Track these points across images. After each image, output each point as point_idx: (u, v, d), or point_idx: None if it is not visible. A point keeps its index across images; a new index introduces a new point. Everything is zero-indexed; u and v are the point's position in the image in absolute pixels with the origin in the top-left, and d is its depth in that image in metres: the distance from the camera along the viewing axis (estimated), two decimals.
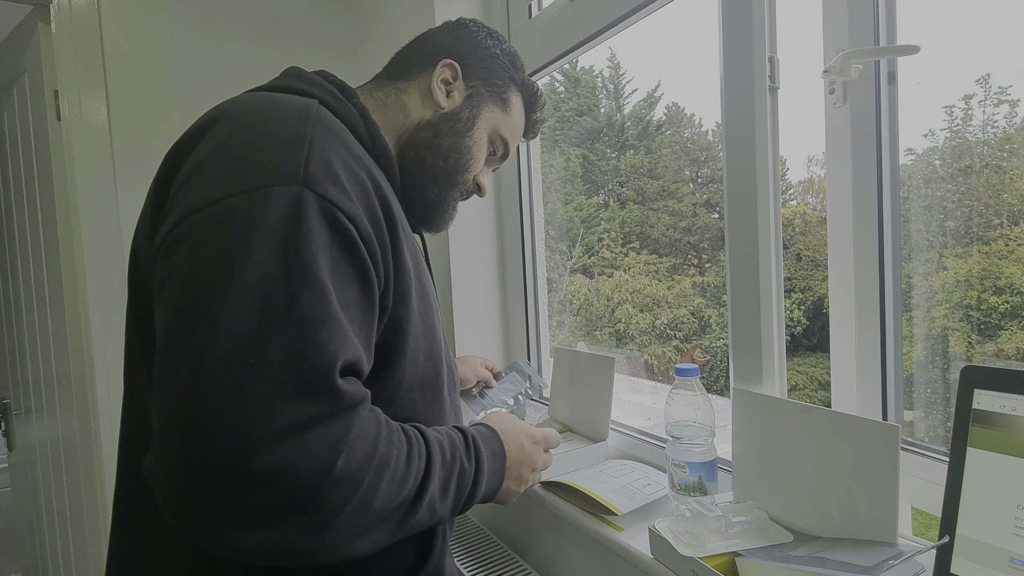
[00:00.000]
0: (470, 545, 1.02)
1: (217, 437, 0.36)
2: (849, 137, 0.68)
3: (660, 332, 4.57)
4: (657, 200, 5.50)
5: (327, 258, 0.42)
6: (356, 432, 0.41)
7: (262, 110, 0.47)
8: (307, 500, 0.38)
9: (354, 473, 0.40)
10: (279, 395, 0.38)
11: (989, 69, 0.95)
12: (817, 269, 3.97)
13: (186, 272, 0.40)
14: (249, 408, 0.37)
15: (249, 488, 0.37)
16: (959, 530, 0.47)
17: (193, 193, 0.43)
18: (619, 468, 0.85)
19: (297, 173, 0.42)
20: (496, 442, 0.60)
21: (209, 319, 0.38)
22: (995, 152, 1.07)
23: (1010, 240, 1.33)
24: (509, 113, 0.70)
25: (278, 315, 0.39)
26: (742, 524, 0.61)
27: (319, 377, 0.39)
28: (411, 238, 0.56)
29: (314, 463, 0.38)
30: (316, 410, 0.39)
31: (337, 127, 0.49)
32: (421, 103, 0.65)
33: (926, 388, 0.77)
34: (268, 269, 0.39)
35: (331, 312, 0.41)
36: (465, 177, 0.67)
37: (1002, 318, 1.37)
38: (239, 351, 0.37)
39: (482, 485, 0.55)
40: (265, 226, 0.40)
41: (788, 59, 0.71)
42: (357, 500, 0.41)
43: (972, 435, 0.49)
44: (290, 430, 0.38)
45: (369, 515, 0.42)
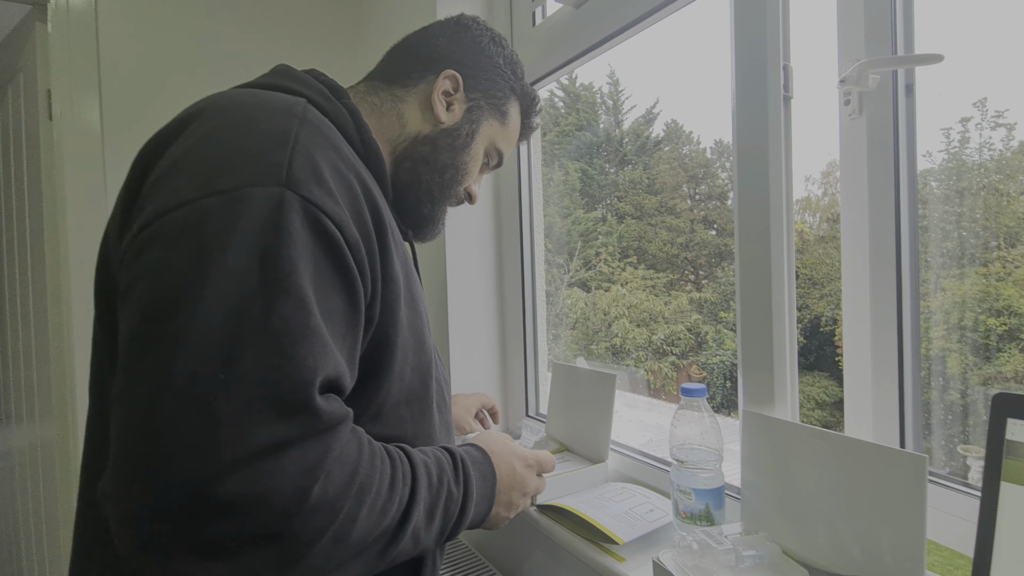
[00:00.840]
0: (461, 571, 0.97)
1: (180, 458, 0.33)
2: (865, 150, 0.65)
3: (657, 348, 4.55)
4: (655, 215, 5.52)
5: (309, 265, 0.39)
6: (335, 455, 0.38)
7: (245, 107, 0.44)
8: (278, 530, 0.35)
9: (331, 501, 0.37)
10: (251, 414, 0.34)
11: (986, 93, 0.94)
12: (814, 287, 3.97)
13: (153, 277, 0.37)
14: (217, 428, 0.33)
15: (214, 516, 0.33)
16: (993, 571, 0.44)
17: (166, 192, 0.39)
18: (619, 492, 0.81)
19: (279, 173, 0.39)
20: (487, 464, 0.56)
21: (176, 329, 0.35)
22: (992, 174, 1.06)
23: (1007, 262, 1.31)
24: (507, 125, 0.69)
25: (252, 326, 0.35)
26: (753, 558, 0.57)
27: (295, 395, 0.36)
28: (401, 245, 0.53)
29: (287, 490, 0.35)
30: (291, 431, 0.36)
31: (325, 127, 0.46)
32: (420, 115, 0.62)
33: (930, 408, 0.74)
34: (243, 276, 0.36)
35: (311, 324, 0.38)
36: (458, 190, 0.66)
37: (999, 340, 1.35)
38: (208, 365, 0.34)
39: (470, 511, 0.52)
40: (242, 230, 0.37)
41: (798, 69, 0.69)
42: (334, 530, 0.37)
43: (1006, 468, 0.45)
44: (262, 453, 0.34)
45: (347, 546, 0.39)
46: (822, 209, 4.18)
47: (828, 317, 3.73)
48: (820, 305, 3.80)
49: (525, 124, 0.73)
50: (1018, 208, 1.20)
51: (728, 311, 4.64)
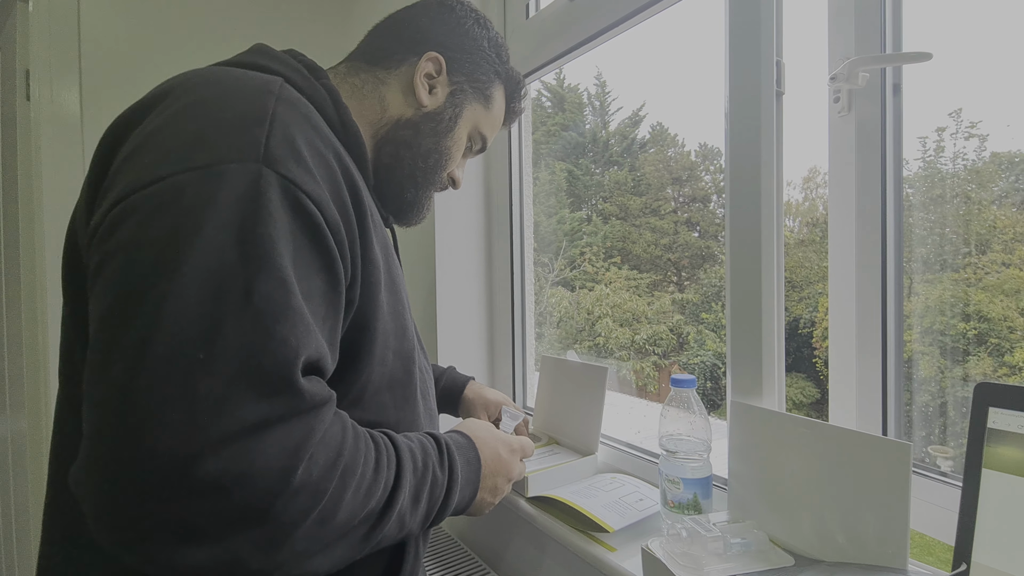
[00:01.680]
0: (448, 563, 0.97)
1: (159, 439, 0.32)
2: (854, 148, 0.66)
3: (639, 347, 4.59)
4: (639, 217, 5.57)
5: (288, 244, 0.38)
6: (319, 437, 0.37)
7: (219, 83, 0.43)
8: (260, 512, 0.34)
9: (316, 482, 0.36)
10: (232, 393, 0.33)
11: (962, 103, 0.97)
12: (793, 290, 4.05)
13: (127, 255, 0.35)
14: (196, 407, 0.32)
15: (193, 498, 0.32)
16: (975, 557, 0.45)
17: (138, 169, 0.38)
18: (609, 482, 0.82)
19: (257, 150, 0.38)
20: (471, 450, 0.56)
21: (151, 308, 0.33)
22: (965, 183, 1.10)
23: (978, 268, 1.36)
24: (491, 109, 0.68)
25: (232, 304, 0.34)
26: (740, 546, 0.58)
27: (278, 373, 0.35)
28: (381, 229, 0.53)
29: (270, 470, 0.34)
30: (274, 410, 0.35)
31: (303, 105, 0.45)
32: (402, 98, 0.61)
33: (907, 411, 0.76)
34: (221, 254, 0.35)
35: (292, 303, 0.37)
36: (442, 175, 0.65)
37: (969, 344, 1.40)
38: (186, 344, 0.33)
39: (455, 496, 0.51)
40: (219, 206, 0.36)
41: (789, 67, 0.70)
42: (318, 513, 0.37)
43: (987, 456, 0.46)
44: (244, 432, 0.33)
45: (331, 529, 0.38)
46: (802, 213, 4.27)
47: (806, 319, 3.81)
48: (799, 308, 3.88)
49: (510, 108, 0.72)
50: (988, 216, 1.24)
51: (709, 312, 4.71)
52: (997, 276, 1.38)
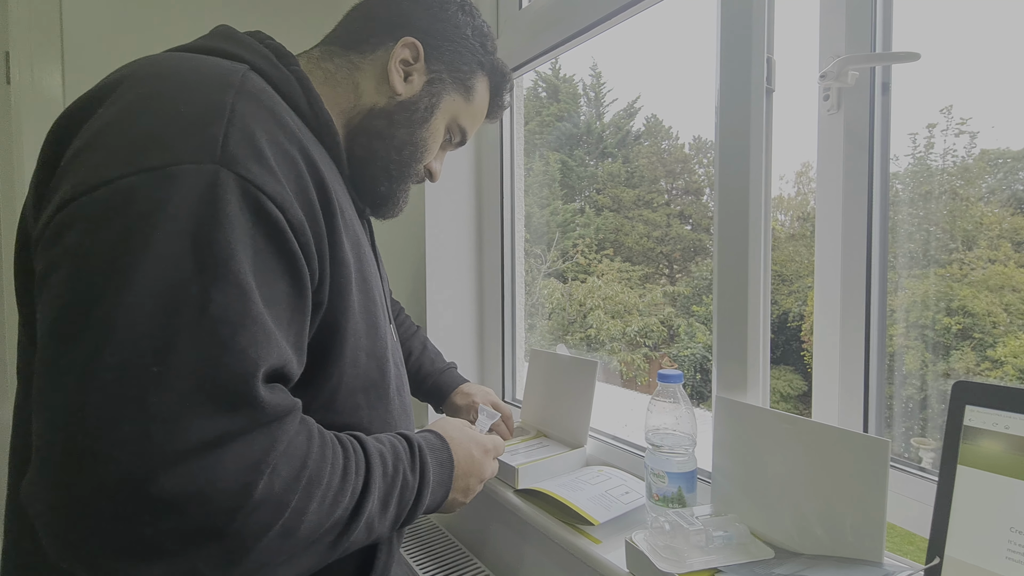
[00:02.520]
0: (435, 554, 0.98)
1: (112, 457, 0.31)
2: (842, 146, 0.67)
3: (630, 339, 4.62)
4: (632, 209, 5.58)
5: (248, 249, 0.36)
6: (282, 448, 0.36)
7: (175, 74, 0.40)
8: (220, 528, 0.33)
9: (278, 495, 0.36)
10: (188, 408, 0.32)
11: (952, 100, 0.98)
12: (783, 283, 4.08)
13: (73, 264, 0.34)
14: (151, 423, 0.31)
15: (150, 515, 0.31)
16: (948, 551, 0.46)
17: (84, 169, 0.36)
18: (596, 475, 0.82)
19: (213, 150, 0.36)
20: (445, 451, 0.56)
21: (100, 320, 0.32)
22: (953, 179, 1.10)
23: (964, 264, 1.38)
24: (472, 101, 0.64)
25: (187, 316, 0.33)
26: (722, 538, 0.59)
27: (236, 387, 0.34)
28: (353, 225, 0.51)
29: (229, 486, 0.33)
30: (233, 424, 0.34)
31: (267, 97, 0.43)
32: (375, 85, 0.58)
33: (891, 404, 0.78)
34: (175, 262, 0.34)
35: (251, 312, 0.35)
36: (418, 167, 0.63)
37: (954, 338, 1.42)
38: (138, 358, 0.32)
39: (426, 498, 0.51)
40: (172, 211, 0.34)
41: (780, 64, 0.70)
42: (281, 525, 0.36)
43: (963, 453, 0.47)
44: (201, 448, 0.32)
45: (295, 540, 0.37)
46: (794, 208, 4.29)
47: (795, 313, 3.85)
48: (788, 301, 3.92)
49: (495, 103, 0.69)
50: (976, 213, 1.25)
51: (700, 305, 4.74)
52: (983, 272, 1.40)
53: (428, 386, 0.89)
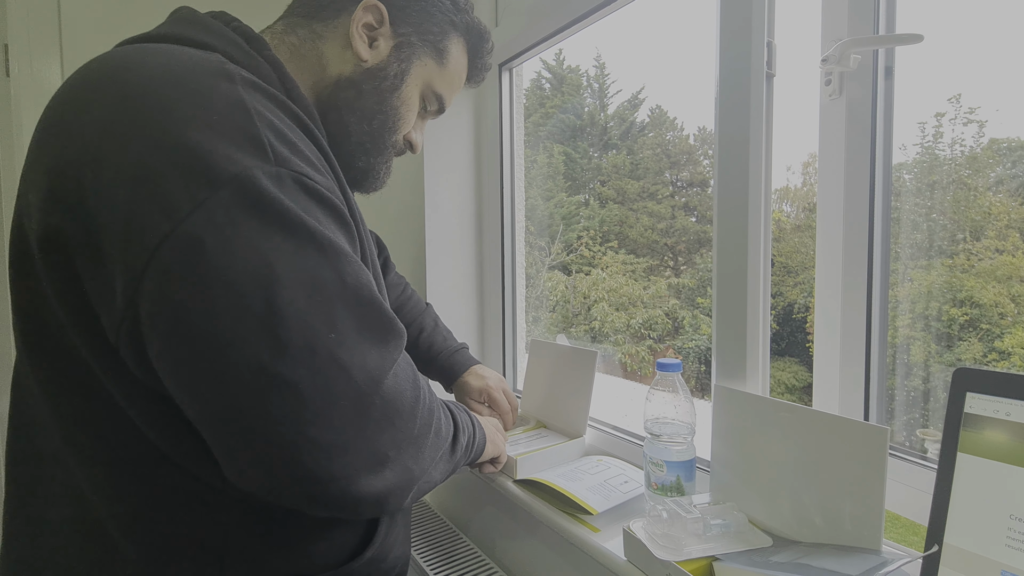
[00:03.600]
0: (436, 543, 0.98)
1: (339, 405, 0.38)
2: (844, 131, 0.66)
3: (635, 331, 4.61)
4: (637, 201, 5.54)
5: (332, 231, 0.41)
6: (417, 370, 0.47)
7: (179, 76, 0.39)
8: (411, 431, 0.43)
9: (428, 405, 0.46)
10: (366, 350, 0.40)
11: (961, 89, 0.96)
12: (788, 275, 4.06)
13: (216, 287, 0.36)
14: (349, 371, 0.39)
15: (374, 431, 0.40)
16: (947, 539, 0.46)
17: (163, 197, 0.35)
18: (595, 464, 0.82)
19: (266, 151, 0.38)
20: (479, 428, 0.67)
21: (269, 319, 0.36)
22: (961, 169, 1.09)
23: (971, 255, 1.36)
24: (446, 65, 0.61)
25: (333, 290, 0.39)
26: (720, 527, 0.59)
27: (389, 326, 0.43)
28: (354, 201, 0.53)
29: (408, 396, 0.43)
30: (397, 350, 0.43)
31: (262, 87, 0.43)
32: (340, 53, 0.55)
33: (893, 393, 0.77)
34: (298, 253, 0.38)
35: (366, 271, 0.43)
36: (395, 139, 0.61)
37: (960, 329, 1.40)
38: (316, 331, 0.38)
39: (478, 435, 0.64)
40: (276, 212, 0.38)
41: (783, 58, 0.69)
42: (433, 429, 0.46)
43: (963, 440, 0.47)
44: (387, 372, 0.41)
45: (439, 442, 0.48)
46: (800, 198, 4.25)
47: (801, 305, 3.83)
48: (794, 293, 3.89)
49: (474, 65, 0.65)
50: (984, 203, 1.24)
51: (705, 297, 4.72)
52: (990, 262, 1.38)
53: (440, 364, 0.88)
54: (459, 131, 1.21)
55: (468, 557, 0.93)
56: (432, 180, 1.16)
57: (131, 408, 0.42)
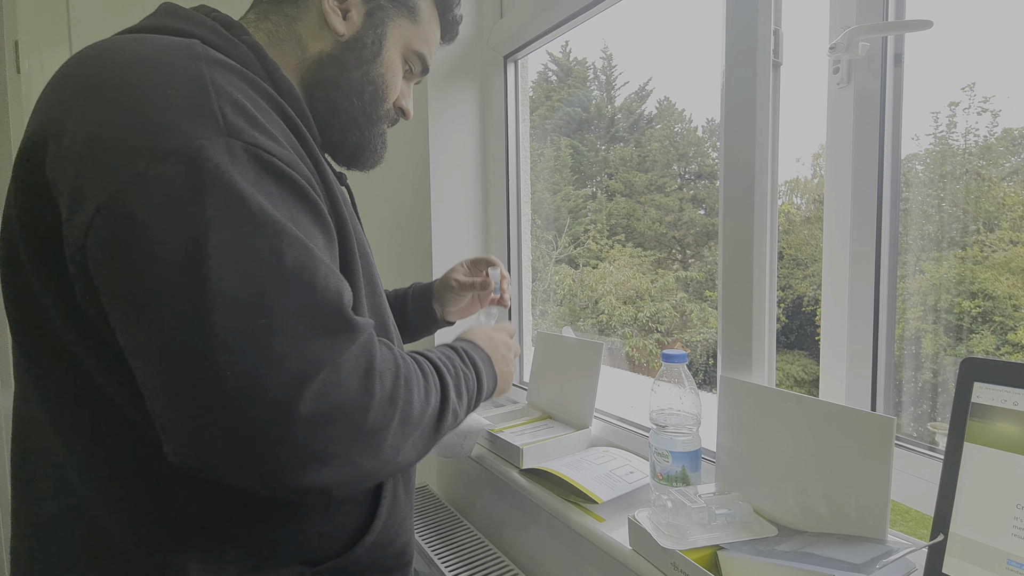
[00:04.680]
0: (443, 531, 0.99)
1: (259, 399, 0.35)
2: (852, 120, 0.65)
3: (642, 325, 4.59)
4: (644, 194, 5.50)
5: (284, 208, 0.39)
6: (379, 358, 0.42)
7: (140, 58, 0.40)
8: (360, 426, 0.40)
9: (389, 392, 0.42)
10: (302, 342, 0.37)
11: (975, 78, 0.94)
12: (798, 267, 4.02)
13: (143, 262, 0.35)
14: (280, 362, 0.36)
15: (304, 431, 0.37)
16: (953, 528, 0.45)
17: (105, 169, 0.36)
18: (601, 455, 0.83)
19: (217, 122, 0.38)
20: (477, 348, 0.62)
21: (198, 298, 0.35)
22: (975, 159, 1.07)
23: (985, 246, 1.34)
24: (418, 22, 0.61)
25: (269, 271, 0.37)
26: (725, 516, 0.59)
27: (333, 315, 0.40)
28: (337, 186, 0.51)
29: (356, 394, 0.39)
30: (341, 345, 0.39)
31: (228, 64, 0.43)
32: (317, 32, 0.55)
33: (902, 386, 0.76)
34: (235, 230, 0.36)
35: (316, 254, 0.39)
36: (386, 108, 0.60)
37: (973, 322, 1.38)
38: (246, 316, 0.36)
39: (485, 384, 0.59)
40: (210, 186, 0.36)
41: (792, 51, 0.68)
42: (399, 415, 0.43)
43: (970, 429, 0.46)
44: (324, 370, 0.38)
45: (411, 424, 0.45)
46: (810, 190, 4.21)
47: (810, 297, 3.80)
48: (803, 285, 3.86)
49: (445, 20, 0.65)
50: (998, 193, 1.22)
51: (713, 290, 4.69)
52: (1004, 254, 1.36)
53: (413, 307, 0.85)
54: (465, 124, 1.20)
55: (474, 545, 0.94)
56: (438, 173, 1.17)
57: (116, 394, 0.42)
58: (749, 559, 0.52)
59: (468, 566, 0.88)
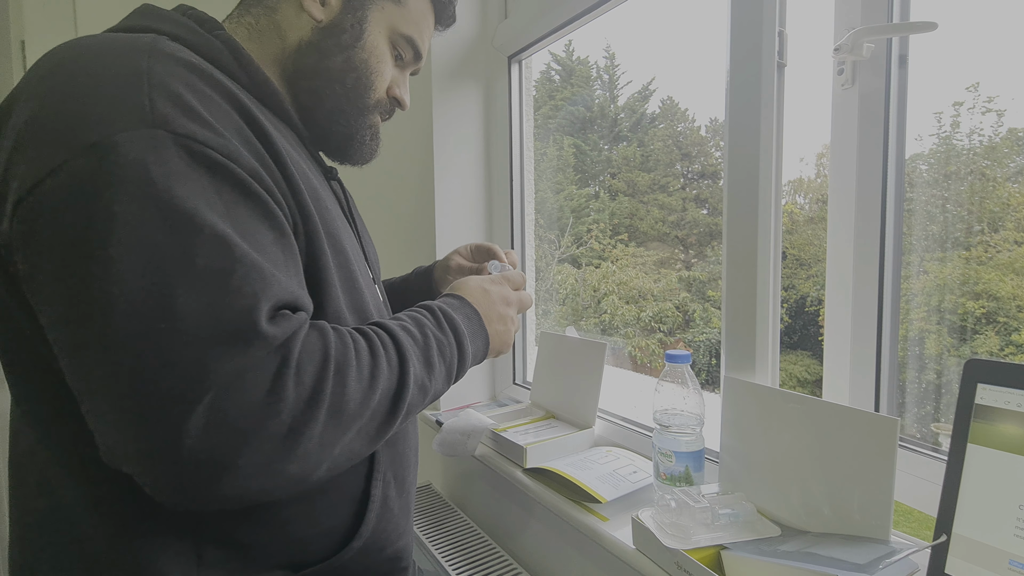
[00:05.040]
0: (446, 530, 0.99)
1: (154, 409, 0.34)
2: (856, 121, 0.65)
3: (645, 324, 4.59)
4: (647, 193, 5.50)
5: (216, 201, 0.37)
6: (298, 353, 0.38)
7: (86, 52, 0.39)
8: (269, 431, 0.36)
9: (310, 389, 0.38)
10: (204, 351, 0.34)
11: (979, 77, 0.94)
12: (801, 268, 4.01)
13: (53, 257, 0.35)
14: (176, 369, 0.34)
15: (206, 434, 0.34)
16: (955, 529, 0.46)
17: (27, 164, 0.36)
18: (604, 455, 0.83)
19: (143, 114, 0.36)
20: (463, 304, 0.55)
21: (100, 300, 0.34)
22: (980, 159, 1.07)
23: (989, 247, 1.34)
24: (404, 4, 0.58)
25: (177, 273, 0.35)
26: (728, 516, 0.59)
27: (241, 325, 0.36)
28: (311, 180, 0.49)
29: (258, 398, 0.36)
30: (247, 359, 0.36)
31: (185, 55, 0.42)
32: (295, 20, 0.54)
33: (905, 387, 0.76)
34: (147, 228, 0.35)
35: (236, 254, 0.36)
36: (373, 97, 0.58)
37: (977, 323, 1.38)
38: (146, 321, 0.34)
39: (468, 348, 0.53)
40: (126, 181, 0.35)
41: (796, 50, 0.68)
42: (327, 411, 0.38)
43: (973, 431, 0.47)
44: (226, 382, 0.35)
45: (347, 416, 0.40)
46: (814, 190, 4.20)
47: (813, 298, 3.79)
48: (806, 286, 3.85)
49: (439, 1, 0.62)
50: (1003, 193, 1.21)
51: (716, 290, 4.68)
52: (1008, 255, 1.36)
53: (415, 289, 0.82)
54: (468, 124, 1.21)
55: (478, 543, 0.94)
56: (442, 173, 1.17)
57: None
58: (752, 559, 0.52)
59: (471, 564, 0.88)
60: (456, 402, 1.19)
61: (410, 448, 0.59)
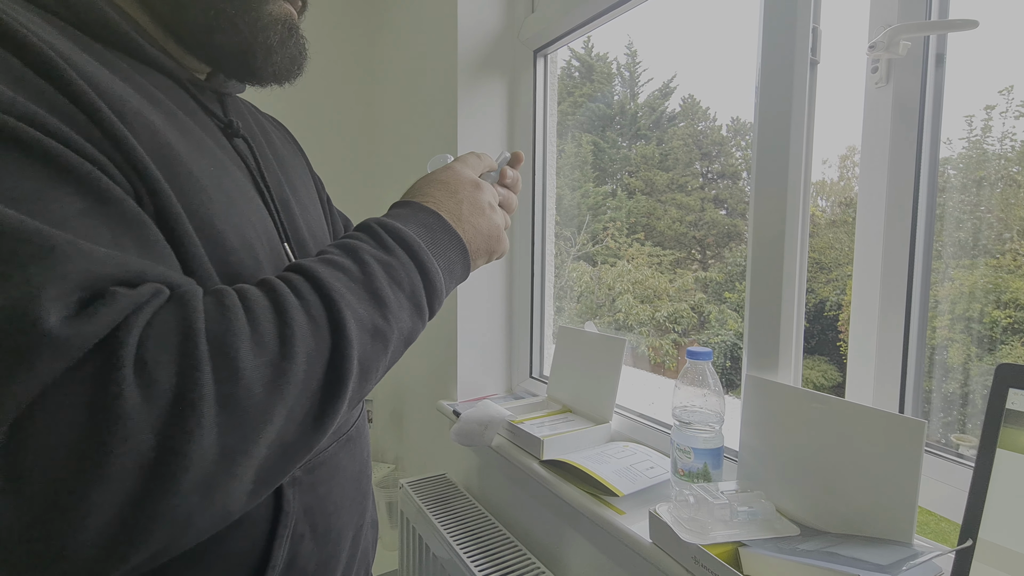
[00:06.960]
0: (463, 522, 1.01)
1: None
2: (889, 122, 0.64)
3: (659, 324, 4.56)
4: (665, 192, 5.45)
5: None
6: (138, 346, 0.28)
7: None
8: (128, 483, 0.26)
9: (172, 388, 0.28)
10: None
11: (1013, 81, 0.92)
12: (821, 271, 3.95)
13: None
14: None
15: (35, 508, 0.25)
16: (982, 534, 0.45)
17: None
18: (621, 449, 0.83)
19: None
20: (415, 211, 0.44)
21: None
22: (1012, 165, 1.04)
23: (1019, 255, 1.30)
24: None
25: None
26: (747, 514, 0.59)
27: (20, 335, 0.25)
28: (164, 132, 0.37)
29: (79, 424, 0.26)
30: (43, 377, 0.25)
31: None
32: None
33: (931, 394, 0.75)
34: None
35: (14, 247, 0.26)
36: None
37: (1003, 332, 1.35)
38: None
39: (432, 263, 0.42)
40: None
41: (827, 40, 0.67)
42: (216, 408, 0.28)
43: (1003, 436, 0.46)
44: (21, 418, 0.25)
45: (255, 406, 0.30)
46: (836, 193, 4.12)
47: (833, 302, 3.73)
48: (826, 290, 3.80)
49: None
50: None
51: (732, 291, 4.63)
52: None
53: None
54: (493, 117, 1.21)
55: (492, 533, 0.95)
56: None
57: None
58: (771, 556, 0.52)
59: (485, 552, 0.90)
60: (473, 393, 1.21)
61: (344, 483, 0.47)
